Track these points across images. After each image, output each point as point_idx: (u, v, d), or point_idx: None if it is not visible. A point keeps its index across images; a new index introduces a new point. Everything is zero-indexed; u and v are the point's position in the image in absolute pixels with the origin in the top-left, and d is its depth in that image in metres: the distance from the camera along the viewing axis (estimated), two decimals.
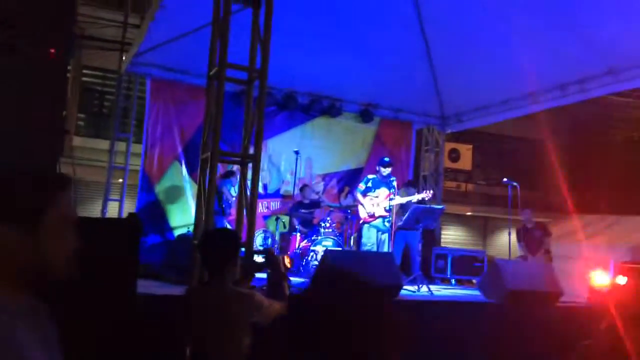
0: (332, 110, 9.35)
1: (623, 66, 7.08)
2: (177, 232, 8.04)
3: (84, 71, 12.70)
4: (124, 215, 8.21)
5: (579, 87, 7.76)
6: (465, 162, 15.47)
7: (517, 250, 8.57)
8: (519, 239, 8.61)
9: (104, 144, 9.69)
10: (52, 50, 3.71)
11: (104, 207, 8.29)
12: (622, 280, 6.16)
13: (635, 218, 12.03)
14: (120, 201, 8.40)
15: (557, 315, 5.95)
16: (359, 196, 7.45)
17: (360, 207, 7.54)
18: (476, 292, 6.66)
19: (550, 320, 5.83)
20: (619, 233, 11.44)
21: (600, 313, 5.88)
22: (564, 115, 15.81)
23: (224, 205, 7.49)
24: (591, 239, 11.58)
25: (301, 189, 8.65)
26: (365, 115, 9.64)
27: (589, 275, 6.48)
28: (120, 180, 8.59)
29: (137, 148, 8.67)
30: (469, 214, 17.28)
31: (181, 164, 8.44)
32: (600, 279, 6.28)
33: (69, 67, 8.93)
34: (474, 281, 8.23)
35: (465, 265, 8.57)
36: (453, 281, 8.51)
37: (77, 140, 11.83)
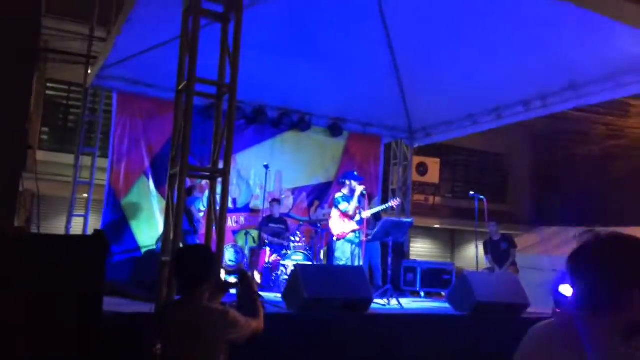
0: (301, 124, 9.37)
1: (583, 82, 7.30)
2: (144, 248, 7.90)
3: (49, 84, 12.47)
4: (89, 231, 8.04)
5: (541, 103, 7.97)
6: (433, 175, 15.67)
7: (484, 262, 8.69)
8: (485, 252, 8.73)
9: (69, 159, 9.48)
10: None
11: (69, 222, 8.10)
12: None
13: (599, 230, 12.36)
14: (85, 217, 8.22)
15: (524, 327, 6.04)
16: (339, 215, 7.48)
17: (332, 224, 7.55)
18: (445, 305, 6.72)
19: (518, 331, 5.91)
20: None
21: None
22: (529, 130, 16.22)
23: (195, 225, 7.38)
24: (556, 251, 11.84)
25: (270, 203, 8.63)
26: (334, 130, 9.69)
27: (553, 286, 6.59)
28: (85, 195, 8.42)
29: (103, 162, 8.52)
30: (437, 226, 17.49)
31: (148, 179, 8.32)
32: (565, 290, 6.40)
33: (32, 81, 8.75)
34: (443, 294, 8.30)
35: (434, 278, 8.64)
36: (422, 294, 8.57)
37: (41, 155, 11.55)
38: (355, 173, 7.79)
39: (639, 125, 14.47)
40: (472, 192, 8.35)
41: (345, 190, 7.63)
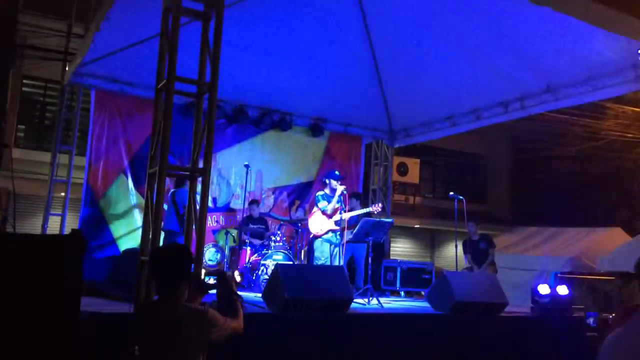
0: (282, 124, 9.35)
1: (560, 85, 7.42)
2: (122, 248, 7.81)
3: (25, 81, 12.27)
4: (66, 230, 7.93)
5: (519, 105, 8.07)
6: (413, 175, 15.76)
7: (463, 262, 8.77)
8: (464, 251, 8.81)
9: (46, 157, 9.34)
10: None
11: (45, 222, 7.98)
12: (562, 290, 6.40)
13: (574, 230, 12.57)
14: (63, 216, 8.10)
15: (502, 326, 6.12)
16: (319, 213, 7.44)
17: (311, 222, 7.55)
18: (425, 304, 6.77)
19: (496, 330, 5.99)
20: (559, 244, 11.91)
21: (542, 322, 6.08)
22: (508, 131, 16.41)
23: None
24: (533, 250, 12.00)
25: (249, 204, 8.61)
26: (315, 129, 9.69)
27: (531, 286, 6.69)
28: (62, 194, 8.29)
29: (80, 161, 8.40)
30: (417, 226, 17.59)
31: (127, 178, 8.23)
32: (542, 289, 6.50)
33: (8, 77, 8.61)
34: (423, 293, 8.35)
35: (414, 278, 8.69)
36: (402, 293, 8.61)
37: (17, 153, 11.37)
38: (337, 172, 7.78)
39: (615, 128, 14.73)
40: (451, 193, 8.41)
41: (326, 190, 7.64)
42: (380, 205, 7.73)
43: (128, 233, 8.02)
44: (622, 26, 5.78)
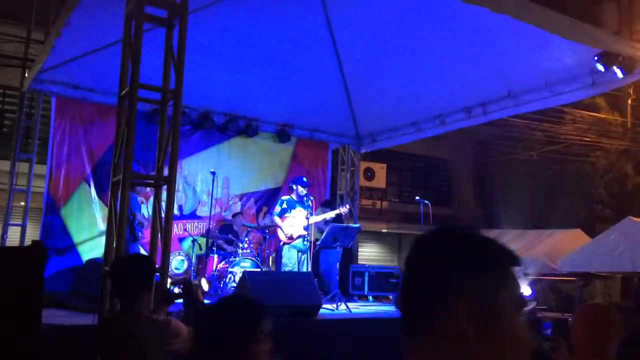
0: (248, 130, 9.30)
1: (520, 91, 7.60)
2: (85, 258, 7.64)
3: None
4: (27, 241, 7.72)
5: (481, 110, 8.24)
6: (380, 180, 15.86)
7: None
8: None
9: (4, 165, 9.07)
10: None
11: (4, 232, 7.74)
12: (525, 291, 6.54)
13: (536, 232, 12.86)
14: (23, 226, 7.87)
15: None
16: (276, 219, 7.48)
17: (279, 229, 7.55)
18: (393, 308, 6.82)
19: None
20: (522, 246, 12.16)
21: None
22: (473, 136, 16.71)
23: (135, 230, 7.12)
24: None
25: (233, 216, 8.67)
26: (282, 135, 9.68)
27: None
28: (22, 203, 8.07)
29: (41, 169, 8.19)
30: (384, 231, 17.72)
31: (90, 186, 8.06)
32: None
33: None
34: (391, 297, 8.42)
35: (381, 282, 8.75)
36: (371, 298, 8.66)
37: None
38: (304, 179, 7.81)
39: (573, 132, 15.14)
40: (417, 197, 8.52)
41: (293, 195, 7.66)
42: (347, 206, 7.80)
43: (91, 243, 7.85)
44: (578, 33, 5.96)
